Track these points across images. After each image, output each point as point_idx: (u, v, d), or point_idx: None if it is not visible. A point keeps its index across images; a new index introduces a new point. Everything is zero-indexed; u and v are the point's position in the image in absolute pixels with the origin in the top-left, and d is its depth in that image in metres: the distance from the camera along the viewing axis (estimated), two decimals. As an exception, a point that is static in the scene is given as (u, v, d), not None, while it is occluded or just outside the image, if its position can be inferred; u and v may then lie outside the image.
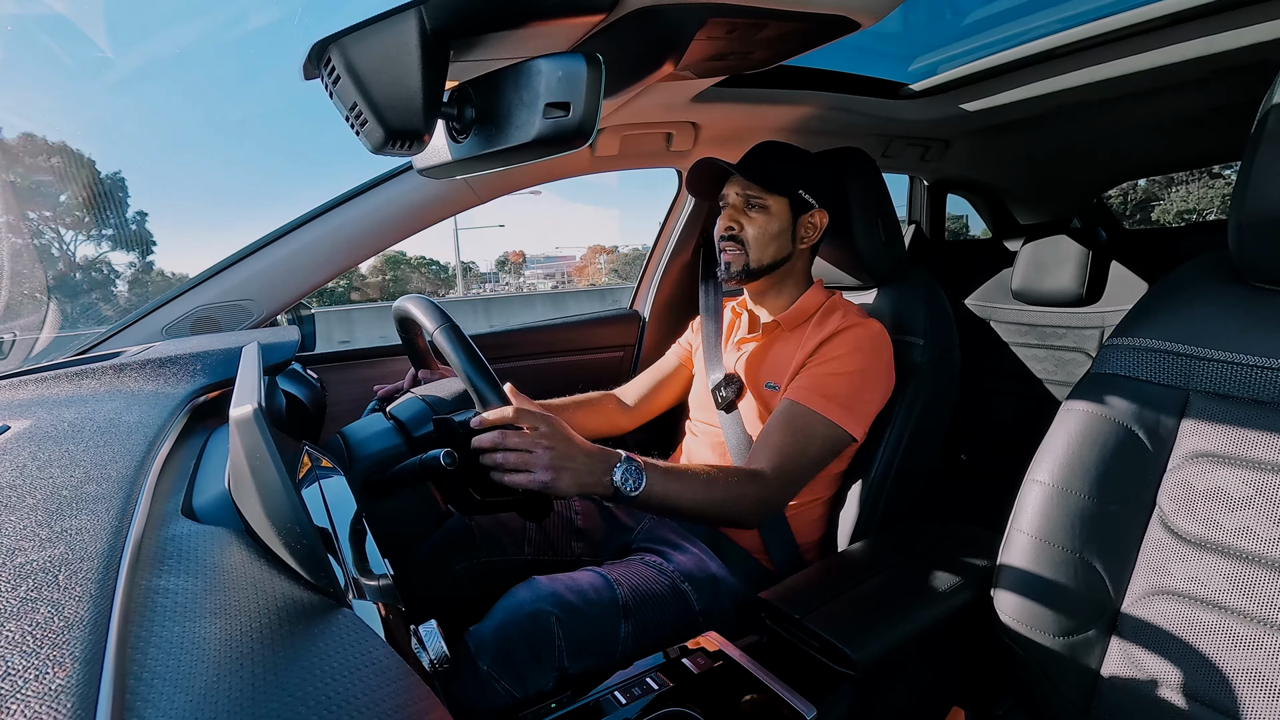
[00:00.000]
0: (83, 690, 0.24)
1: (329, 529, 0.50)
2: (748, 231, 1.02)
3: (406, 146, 0.53)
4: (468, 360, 0.72)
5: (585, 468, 0.71)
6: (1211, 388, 0.67)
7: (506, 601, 0.82)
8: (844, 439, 0.92)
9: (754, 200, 1.01)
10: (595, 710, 0.60)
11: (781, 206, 1.02)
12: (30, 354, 0.90)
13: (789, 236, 1.03)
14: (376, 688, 0.33)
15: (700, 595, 0.92)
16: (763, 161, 1.02)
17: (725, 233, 1.03)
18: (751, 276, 1.04)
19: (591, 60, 0.49)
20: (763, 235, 1.01)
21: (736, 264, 1.03)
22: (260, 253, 1.09)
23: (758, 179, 1.00)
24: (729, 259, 1.03)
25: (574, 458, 0.70)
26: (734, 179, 1.04)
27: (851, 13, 0.77)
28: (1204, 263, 0.74)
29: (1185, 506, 0.66)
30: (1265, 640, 0.60)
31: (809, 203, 1.03)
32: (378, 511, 0.72)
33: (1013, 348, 1.73)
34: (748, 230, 1.02)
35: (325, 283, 1.14)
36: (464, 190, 1.18)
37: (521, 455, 0.68)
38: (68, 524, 0.35)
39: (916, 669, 0.82)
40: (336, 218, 1.12)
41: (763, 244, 1.02)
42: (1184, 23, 1.02)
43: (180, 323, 1.04)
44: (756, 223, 1.01)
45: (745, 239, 1.02)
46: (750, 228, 1.01)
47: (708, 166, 1.04)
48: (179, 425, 0.57)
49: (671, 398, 1.26)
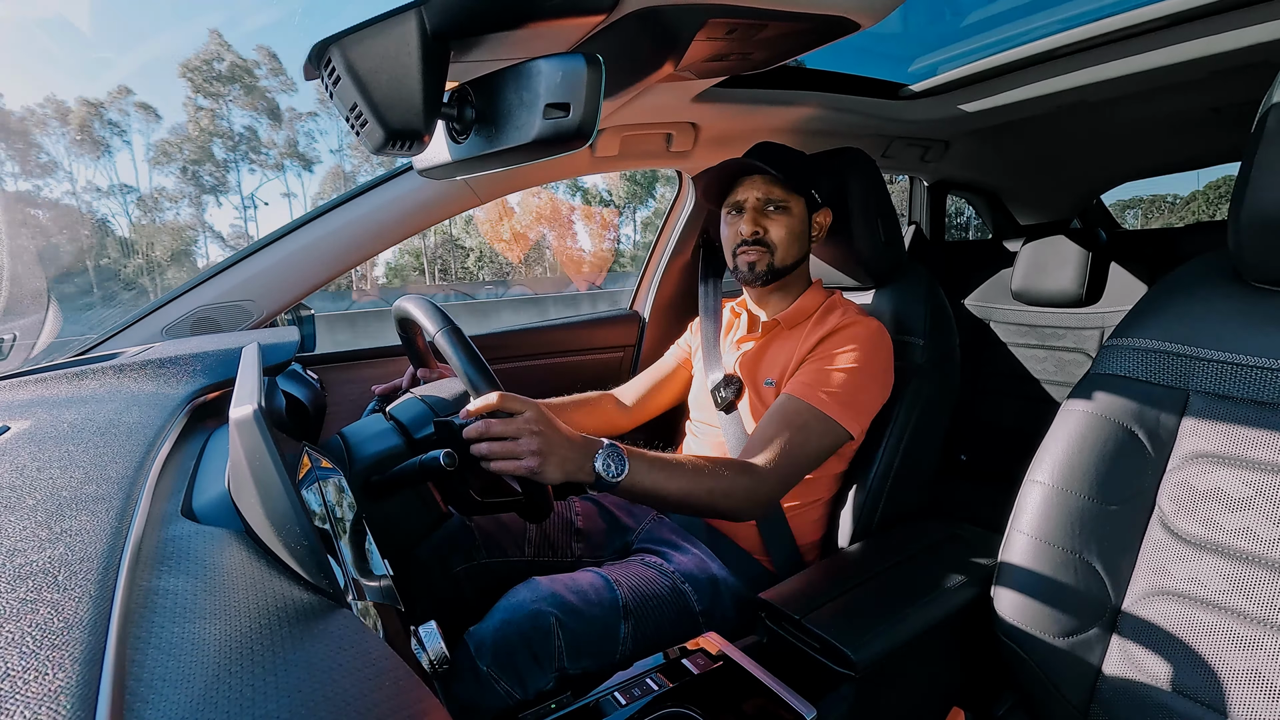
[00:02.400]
0: (82, 691, 0.24)
1: (329, 529, 0.50)
2: (773, 234, 1.01)
3: (406, 147, 0.53)
4: (468, 361, 0.72)
5: (569, 455, 0.70)
6: (1211, 388, 0.67)
7: (507, 602, 0.82)
8: (841, 435, 0.92)
9: (777, 202, 1.01)
10: (595, 711, 0.60)
11: (800, 206, 1.02)
12: (30, 354, 0.90)
13: (807, 237, 1.04)
14: (376, 688, 0.33)
15: (700, 596, 0.92)
16: (782, 161, 1.01)
17: (750, 236, 1.01)
18: (776, 277, 1.04)
19: (591, 61, 0.49)
20: (789, 236, 1.01)
21: (761, 264, 1.02)
22: (260, 253, 1.09)
23: (786, 180, 0.99)
24: (752, 259, 1.02)
25: (558, 445, 0.70)
26: (750, 181, 1.03)
27: (851, 13, 0.78)
28: (1204, 263, 0.74)
29: (1185, 507, 0.66)
30: (1265, 640, 0.60)
31: (818, 202, 1.03)
32: (378, 512, 0.72)
33: (1012, 348, 1.73)
34: (773, 232, 1.01)
35: (325, 283, 1.14)
36: (464, 190, 1.18)
37: (506, 444, 0.68)
38: (67, 525, 0.35)
39: (916, 669, 0.81)
40: (336, 218, 1.12)
41: (788, 245, 1.02)
42: (1184, 23, 1.02)
43: (180, 323, 1.04)
44: (781, 224, 1.01)
45: (771, 241, 1.01)
46: (775, 229, 1.01)
47: (733, 167, 1.02)
48: (179, 426, 0.57)
49: (670, 398, 1.26)
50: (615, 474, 0.73)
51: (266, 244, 1.10)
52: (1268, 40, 0.98)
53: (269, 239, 1.11)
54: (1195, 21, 1.01)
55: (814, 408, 0.90)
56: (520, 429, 0.68)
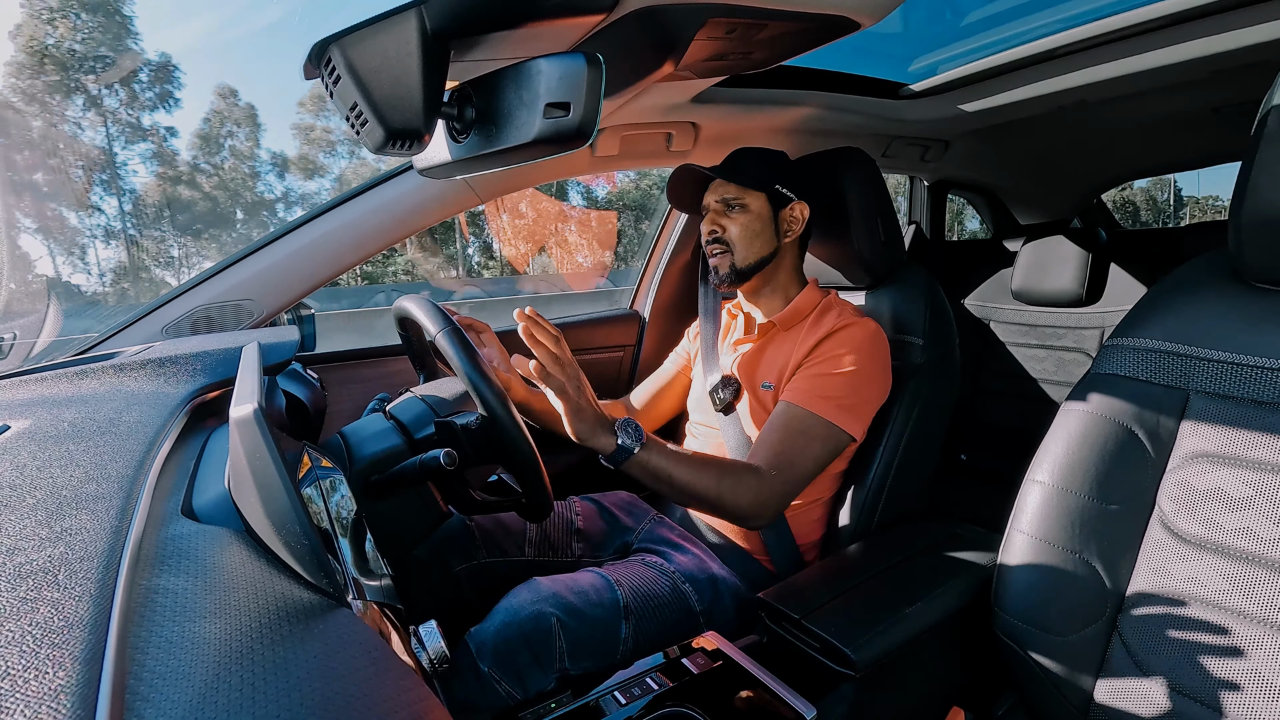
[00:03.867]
0: (83, 690, 0.24)
1: (329, 528, 0.50)
2: (730, 231, 1.03)
3: (406, 146, 0.53)
4: (469, 362, 0.72)
5: (596, 416, 0.77)
6: (1212, 388, 0.67)
7: (507, 602, 0.82)
8: (843, 439, 0.92)
9: (733, 201, 1.03)
10: (596, 710, 0.60)
11: (760, 203, 1.03)
12: (30, 354, 0.90)
13: (772, 232, 1.04)
14: (376, 688, 0.33)
15: (700, 595, 0.92)
16: (737, 163, 1.05)
17: (709, 236, 1.04)
18: (741, 277, 1.04)
19: (592, 60, 0.49)
20: (745, 233, 1.02)
21: (724, 266, 1.04)
22: (260, 253, 1.09)
23: (734, 177, 1.02)
24: (716, 263, 1.05)
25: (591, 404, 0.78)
26: (713, 186, 1.06)
27: (851, 13, 0.78)
28: (1204, 263, 0.74)
29: (1185, 507, 0.66)
30: (1265, 640, 0.60)
31: (787, 196, 1.03)
32: (378, 511, 0.72)
33: (1012, 348, 1.73)
34: (730, 230, 1.03)
35: (325, 283, 1.14)
36: (464, 190, 1.18)
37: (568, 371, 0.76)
38: (68, 523, 0.35)
39: (916, 669, 0.81)
40: (336, 217, 1.12)
41: (746, 241, 1.02)
42: (1184, 23, 1.02)
43: (180, 322, 1.04)
44: (738, 222, 1.02)
45: (729, 239, 1.03)
46: (732, 227, 1.03)
47: (687, 175, 1.06)
48: (179, 425, 0.57)
49: (672, 406, 1.26)
50: (632, 444, 0.78)
51: (266, 243, 1.10)
52: (1268, 40, 0.98)
53: (269, 238, 1.11)
54: (1195, 21, 1.01)
55: (815, 414, 0.90)
56: (578, 374, 0.78)
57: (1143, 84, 1.18)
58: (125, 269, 24.14)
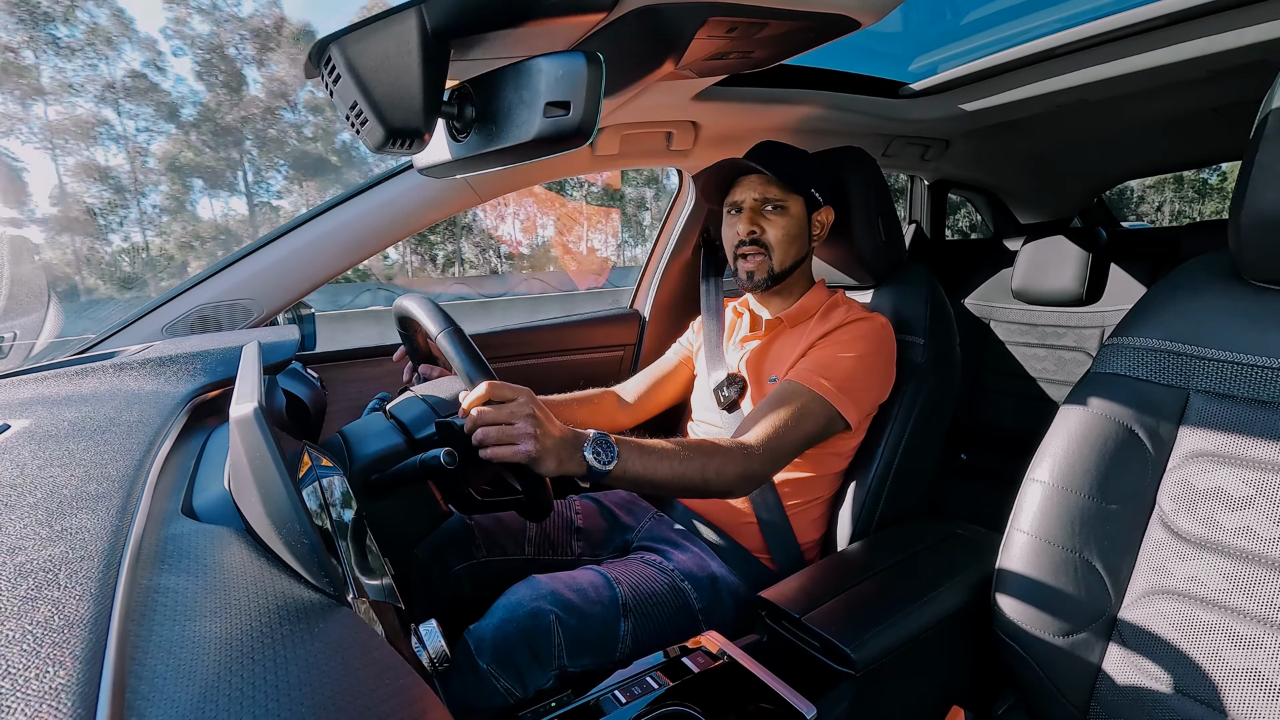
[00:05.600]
0: (83, 689, 0.24)
1: (329, 528, 0.50)
2: (770, 234, 1.00)
3: (406, 145, 0.53)
4: (470, 362, 0.72)
5: (561, 444, 0.70)
6: (1212, 387, 0.67)
7: (506, 600, 0.82)
8: (836, 420, 0.92)
9: (774, 202, 1.00)
10: (595, 709, 0.60)
11: (799, 206, 1.01)
12: (30, 354, 0.90)
13: (806, 237, 1.03)
14: (376, 686, 0.33)
15: (700, 594, 0.92)
16: (779, 162, 1.00)
17: (747, 237, 1.00)
18: (775, 282, 1.03)
19: (592, 59, 0.49)
20: (786, 237, 1.00)
21: (760, 271, 1.01)
22: (260, 252, 1.09)
23: (781, 178, 0.97)
24: (751, 267, 1.01)
25: (550, 434, 0.70)
26: (747, 181, 1.02)
27: (852, 12, 0.78)
28: (1204, 263, 0.74)
29: (1185, 506, 0.66)
30: (1265, 640, 0.60)
31: (818, 200, 1.02)
32: (378, 511, 0.72)
33: (1012, 348, 1.73)
34: (770, 233, 1.00)
35: (325, 282, 1.14)
36: (464, 189, 1.18)
37: (503, 429, 0.67)
38: (68, 523, 0.35)
39: (916, 668, 0.82)
40: (336, 217, 1.12)
41: (785, 246, 1.00)
42: (1184, 23, 1.02)
43: (180, 322, 1.04)
44: (778, 224, 1.00)
45: (768, 242, 1.00)
46: (772, 230, 1.00)
47: (729, 167, 1.01)
48: (179, 424, 0.57)
49: (671, 396, 1.25)
50: (605, 462, 0.72)
51: (267, 242, 1.10)
52: (1268, 40, 0.98)
53: (269, 238, 1.11)
54: (1195, 21, 1.01)
55: (812, 390, 0.90)
56: (514, 413, 0.68)
57: (1143, 84, 1.18)
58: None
